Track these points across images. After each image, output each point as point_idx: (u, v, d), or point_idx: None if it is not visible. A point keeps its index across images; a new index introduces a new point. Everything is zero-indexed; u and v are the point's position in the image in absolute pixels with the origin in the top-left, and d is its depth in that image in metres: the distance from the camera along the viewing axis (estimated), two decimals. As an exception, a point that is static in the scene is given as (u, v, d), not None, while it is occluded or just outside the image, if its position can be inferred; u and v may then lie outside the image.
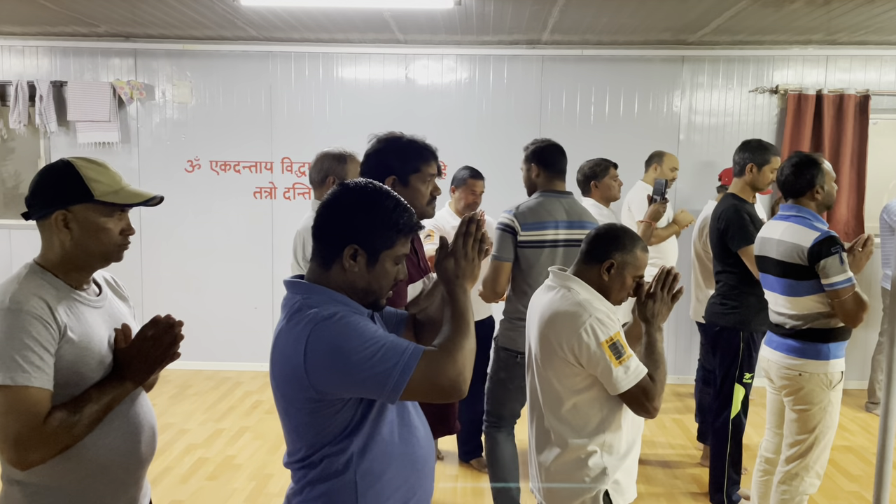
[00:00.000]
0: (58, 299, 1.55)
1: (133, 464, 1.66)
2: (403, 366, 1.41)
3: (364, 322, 1.46)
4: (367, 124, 5.44)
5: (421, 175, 2.14)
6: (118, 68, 5.66)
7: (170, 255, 5.73)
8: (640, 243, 2.09)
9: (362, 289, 1.54)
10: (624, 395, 1.97)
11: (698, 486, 3.84)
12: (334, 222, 1.53)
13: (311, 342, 1.43)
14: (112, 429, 1.60)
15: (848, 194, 5.38)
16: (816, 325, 2.74)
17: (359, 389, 1.44)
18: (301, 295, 1.53)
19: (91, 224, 1.58)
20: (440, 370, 1.43)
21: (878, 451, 2.21)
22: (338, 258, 1.52)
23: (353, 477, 1.49)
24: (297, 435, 1.53)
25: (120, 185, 1.63)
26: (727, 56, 5.46)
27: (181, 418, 4.70)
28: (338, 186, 1.57)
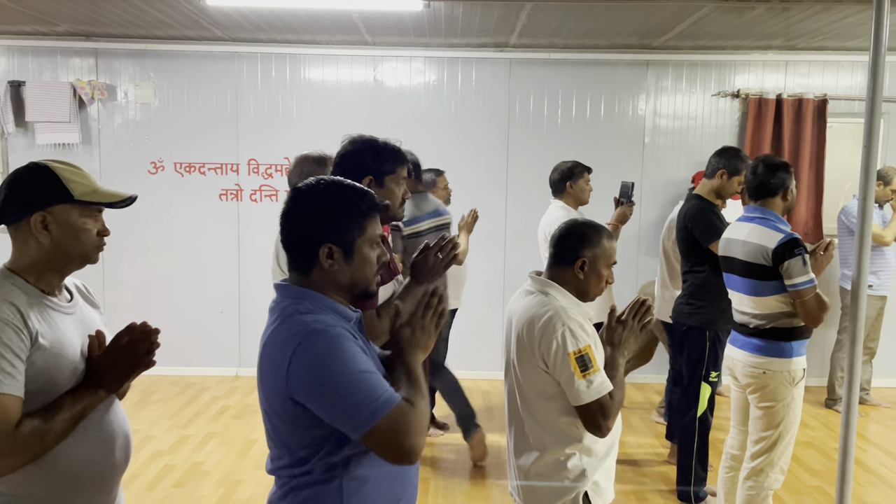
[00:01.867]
0: (29, 305, 1.52)
1: (107, 472, 1.64)
2: (377, 407, 1.39)
3: (354, 349, 1.43)
4: (334, 126, 5.44)
5: (395, 177, 2.17)
6: (79, 68, 5.54)
7: (133, 259, 5.62)
8: (604, 233, 2.11)
9: (348, 283, 1.53)
10: (581, 408, 1.96)
11: (666, 484, 3.90)
12: (300, 228, 1.52)
13: (298, 352, 1.41)
14: (85, 437, 1.57)
15: (807, 196, 5.52)
16: (779, 325, 2.80)
17: (326, 413, 1.42)
18: (291, 299, 1.51)
19: (71, 225, 1.58)
20: (408, 428, 1.40)
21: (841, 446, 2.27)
22: (315, 262, 1.51)
23: (339, 483, 1.48)
24: (280, 441, 1.51)
25: (96, 186, 1.62)
26: (690, 61, 5.56)
27: (146, 425, 4.62)
28: (291, 193, 1.55)
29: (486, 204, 5.66)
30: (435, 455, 4.28)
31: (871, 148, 2.19)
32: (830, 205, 5.56)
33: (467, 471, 4.06)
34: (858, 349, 2.26)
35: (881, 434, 4.71)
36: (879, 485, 3.94)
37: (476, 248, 5.62)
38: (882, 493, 3.84)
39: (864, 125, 2.19)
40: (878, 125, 2.22)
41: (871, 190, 2.18)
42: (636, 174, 5.61)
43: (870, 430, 4.78)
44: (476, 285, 5.66)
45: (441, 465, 4.13)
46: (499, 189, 5.68)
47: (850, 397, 2.26)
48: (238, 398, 5.18)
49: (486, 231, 5.67)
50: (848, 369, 2.26)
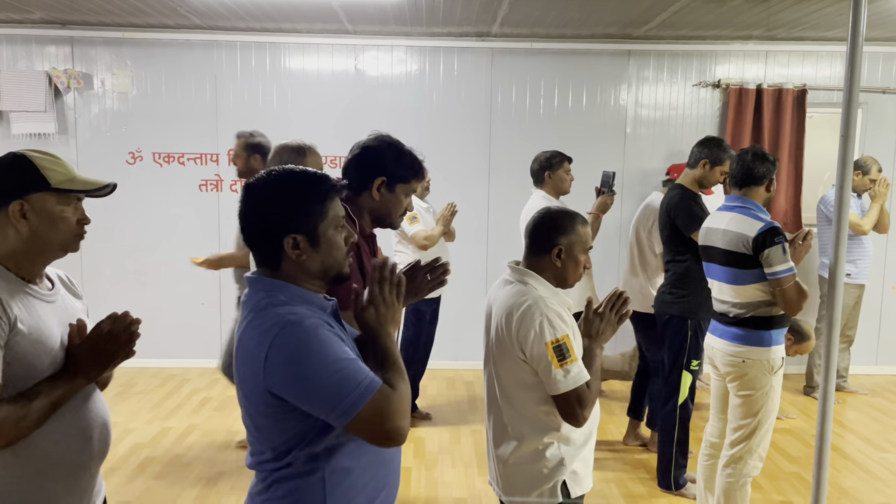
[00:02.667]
0: (8, 292, 1.53)
1: (85, 460, 1.64)
2: (358, 395, 1.38)
3: (331, 338, 1.42)
4: (315, 116, 5.46)
5: (408, 188, 2.11)
6: (54, 56, 5.44)
7: (111, 251, 5.56)
8: (578, 219, 2.11)
9: (319, 270, 1.51)
10: (558, 397, 1.97)
11: (646, 471, 3.93)
12: (260, 223, 1.49)
13: (274, 345, 1.39)
14: (63, 424, 1.58)
15: (786, 186, 5.56)
16: (759, 314, 2.82)
17: (308, 405, 1.40)
18: (264, 292, 1.49)
19: (49, 213, 1.59)
20: (391, 411, 1.40)
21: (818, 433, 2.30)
22: (281, 254, 1.48)
23: (321, 475, 1.47)
24: (261, 436, 1.49)
25: (73, 174, 1.63)
26: (672, 51, 5.57)
27: (126, 417, 4.57)
28: (244, 189, 1.52)
29: (469, 194, 5.67)
30: (418, 445, 4.28)
31: (848, 137, 2.20)
32: (809, 194, 5.61)
33: (450, 461, 4.07)
34: (835, 336, 2.28)
35: (858, 420, 4.78)
36: (856, 470, 4.00)
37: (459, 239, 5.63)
38: (859, 478, 3.90)
39: (842, 115, 2.20)
40: (856, 115, 2.24)
41: (849, 179, 2.20)
42: (617, 164, 5.62)
43: (847, 417, 4.85)
44: (459, 276, 5.65)
45: (425, 456, 4.14)
46: (481, 179, 5.67)
47: (827, 384, 2.28)
48: (220, 390, 5.14)
49: (469, 221, 5.67)
50: (825, 357, 2.28)
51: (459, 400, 5.11)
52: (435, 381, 5.48)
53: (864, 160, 5.10)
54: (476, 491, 3.68)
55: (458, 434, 4.47)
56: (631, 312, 2.15)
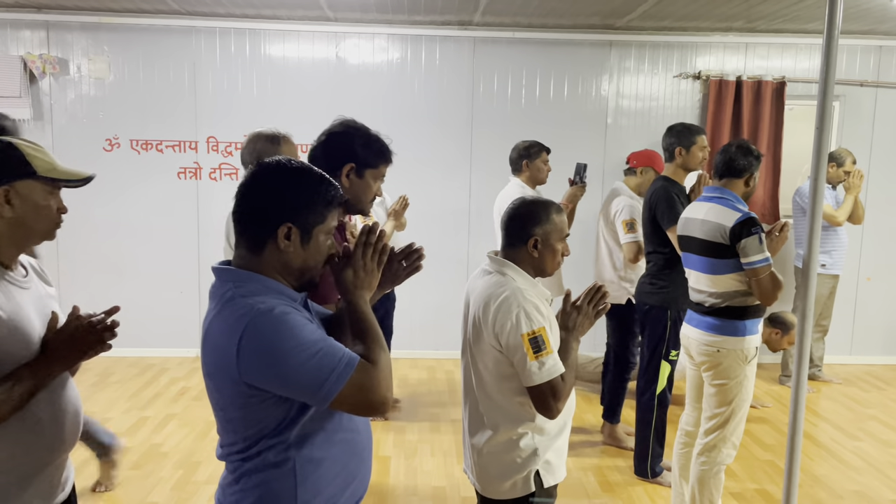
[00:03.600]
0: None
1: (56, 445, 1.66)
2: (338, 375, 1.39)
3: (302, 322, 1.42)
4: (296, 104, 5.41)
5: (376, 172, 2.11)
6: (29, 41, 5.35)
7: (88, 239, 5.49)
8: (553, 207, 2.12)
9: (298, 268, 1.51)
10: (533, 388, 1.98)
11: (624, 460, 3.97)
12: (263, 203, 1.48)
13: (245, 336, 1.38)
14: (36, 410, 1.59)
15: (765, 177, 5.61)
16: (734, 303, 2.85)
17: (289, 391, 1.41)
18: (232, 283, 1.48)
19: (33, 201, 1.61)
20: (373, 385, 1.42)
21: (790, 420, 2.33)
22: (271, 239, 1.47)
23: (292, 466, 1.47)
24: (231, 427, 1.49)
25: (55, 164, 1.65)
26: (653, 42, 5.59)
27: (103, 406, 4.54)
28: (257, 167, 1.52)
29: (450, 183, 5.67)
30: (398, 435, 4.29)
31: (823, 130, 2.22)
32: (788, 186, 5.67)
33: (430, 450, 4.08)
34: (808, 326, 2.30)
35: (832, 409, 4.86)
36: (829, 459, 4.07)
37: (440, 228, 5.64)
38: (832, 466, 3.97)
39: (817, 107, 2.22)
40: (831, 107, 2.26)
41: (823, 171, 2.22)
42: (598, 154, 5.65)
43: (821, 406, 4.93)
44: (440, 265, 5.66)
45: (404, 445, 4.15)
46: (463, 168, 5.67)
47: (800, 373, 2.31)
48: (198, 379, 5.11)
49: (451, 210, 5.67)
50: (798, 346, 2.31)
51: (440, 389, 5.12)
52: (416, 371, 5.49)
53: (840, 152, 5.15)
54: (455, 479, 3.70)
55: (438, 423, 4.49)
56: (609, 307, 2.17)
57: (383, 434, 4.28)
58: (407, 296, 5.69)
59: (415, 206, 5.51)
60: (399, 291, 5.59)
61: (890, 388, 5.32)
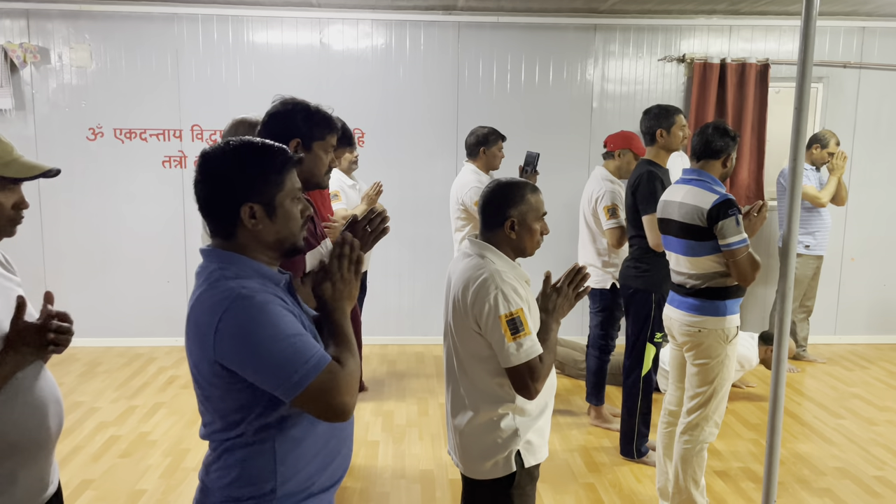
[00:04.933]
0: None
1: (42, 438, 1.64)
2: (307, 370, 1.39)
3: (282, 312, 1.42)
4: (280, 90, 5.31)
5: (325, 144, 2.12)
6: (9, 30, 5.30)
7: (73, 230, 5.46)
8: (527, 187, 2.12)
9: (275, 241, 1.52)
10: (511, 370, 1.99)
11: (610, 441, 4.01)
12: (217, 191, 1.49)
13: (224, 318, 1.39)
14: (18, 404, 1.57)
15: (749, 159, 5.64)
16: (714, 284, 2.88)
17: (256, 378, 1.41)
18: (217, 264, 1.49)
19: None
20: (339, 389, 1.41)
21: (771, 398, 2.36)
22: (237, 224, 1.48)
23: (271, 444, 1.48)
24: (212, 406, 1.50)
25: (11, 157, 1.57)
26: (637, 25, 5.59)
27: (91, 396, 4.54)
28: (200, 159, 1.52)
29: (436, 169, 5.67)
30: (387, 419, 4.31)
31: (801, 110, 2.23)
32: (772, 168, 5.70)
33: (418, 433, 4.11)
34: (788, 306, 2.33)
35: (816, 388, 4.92)
36: (812, 437, 4.12)
37: (426, 215, 5.64)
38: (815, 444, 4.02)
39: (796, 88, 2.23)
40: (809, 88, 2.27)
41: (802, 151, 2.23)
42: (584, 139, 5.66)
43: (805, 385, 4.98)
44: (428, 251, 5.68)
45: (393, 429, 4.17)
46: (449, 154, 5.67)
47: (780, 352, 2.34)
48: (187, 368, 5.05)
49: (438, 196, 5.67)
50: (777, 325, 2.33)
51: (428, 374, 5.15)
52: (404, 357, 5.51)
53: (823, 134, 5.18)
54: (442, 462, 3.73)
55: (427, 407, 4.51)
56: (589, 289, 2.18)
57: (372, 418, 4.30)
58: (394, 282, 5.71)
59: (401, 192, 5.53)
60: (386, 279, 5.61)
61: (873, 366, 5.39)
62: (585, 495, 3.43)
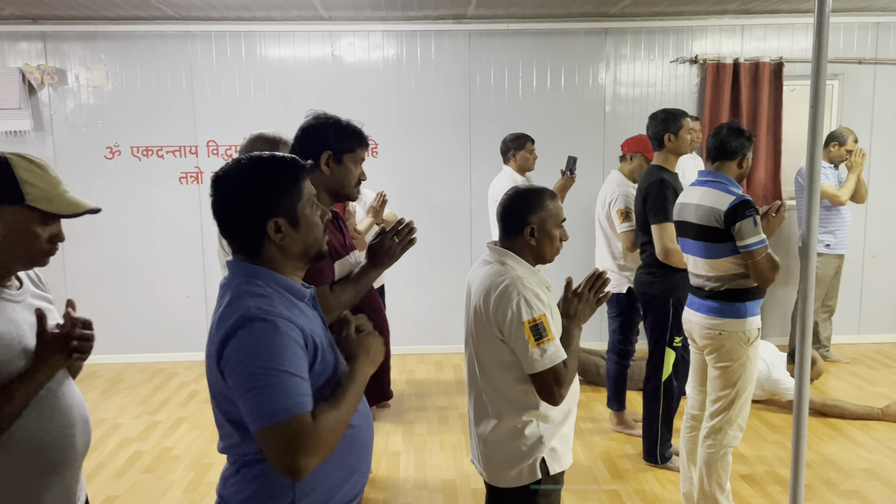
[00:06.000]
0: None
1: (69, 455, 1.64)
2: (275, 410, 1.35)
3: (286, 343, 1.40)
4: (293, 104, 5.43)
5: (355, 156, 2.18)
6: (27, 52, 5.38)
7: (93, 247, 5.53)
8: (546, 194, 2.12)
9: (302, 250, 1.53)
10: (535, 376, 1.98)
11: (633, 447, 3.98)
12: (239, 213, 1.49)
13: (233, 335, 1.40)
14: (46, 421, 1.57)
15: (765, 159, 5.59)
16: (733, 286, 2.85)
17: (236, 396, 1.40)
18: (243, 277, 1.50)
19: (18, 228, 1.54)
20: (297, 445, 1.35)
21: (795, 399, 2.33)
22: (264, 240, 1.50)
23: None
24: (227, 418, 1.50)
25: (56, 191, 1.58)
26: (648, 27, 5.57)
27: (114, 413, 4.58)
28: (214, 185, 1.52)
29: (451, 177, 5.68)
30: (407, 429, 4.31)
31: (817, 108, 2.21)
32: (789, 167, 5.65)
33: (438, 443, 4.10)
34: (809, 306, 2.30)
35: (840, 389, 4.84)
36: (839, 438, 4.06)
37: (443, 223, 5.65)
38: (841, 445, 3.96)
39: (811, 85, 2.21)
40: (825, 85, 2.25)
41: (819, 149, 2.21)
42: (597, 143, 5.64)
43: (830, 385, 4.91)
44: (444, 260, 5.68)
45: (413, 439, 4.17)
46: (462, 163, 5.67)
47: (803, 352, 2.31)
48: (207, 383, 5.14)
49: (452, 205, 5.68)
50: (800, 326, 2.30)
51: (448, 383, 5.14)
52: (423, 365, 5.51)
53: (841, 131, 5.13)
54: (464, 471, 3.71)
55: (447, 416, 4.50)
56: (610, 294, 2.17)
57: (392, 429, 4.30)
58: (412, 292, 5.71)
59: (415, 201, 5.54)
60: (404, 288, 5.61)
61: (899, 365, 5.31)
62: (609, 501, 3.40)
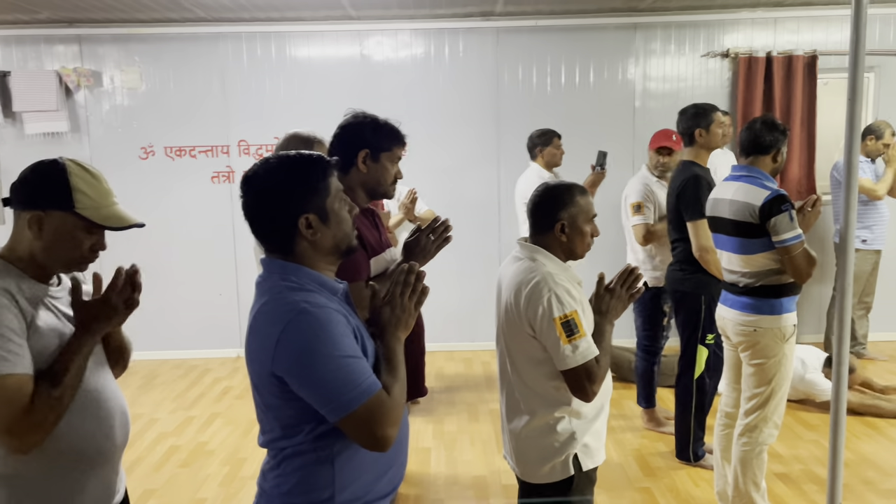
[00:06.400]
0: (21, 291, 1.55)
1: (109, 449, 1.67)
2: (354, 395, 1.40)
3: (341, 330, 1.44)
4: (323, 103, 5.47)
5: (391, 155, 2.19)
6: (63, 55, 5.50)
7: (129, 246, 5.56)
8: (576, 190, 2.12)
9: (332, 246, 1.55)
10: (567, 372, 1.98)
11: (665, 445, 3.95)
12: (270, 211, 1.51)
13: (286, 331, 1.42)
14: (86, 415, 1.61)
15: (799, 153, 5.50)
16: (768, 282, 2.81)
17: (306, 394, 1.43)
18: (279, 274, 1.52)
19: (63, 233, 1.58)
20: (383, 419, 1.43)
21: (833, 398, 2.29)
22: (295, 238, 1.51)
23: (330, 452, 1.50)
24: (272, 415, 1.53)
25: (105, 203, 1.61)
26: (678, 22, 5.51)
27: (150, 408, 4.66)
28: (244, 185, 1.54)
29: (479, 175, 5.68)
30: (437, 426, 4.33)
31: (854, 101, 2.18)
32: (823, 162, 5.55)
33: (469, 440, 4.11)
34: (847, 303, 2.27)
35: (878, 387, 4.75)
36: (877, 437, 3.99)
37: (471, 220, 5.65)
38: (880, 444, 3.89)
39: (848, 78, 2.17)
40: (862, 78, 2.21)
41: (857, 143, 2.17)
42: (627, 139, 5.60)
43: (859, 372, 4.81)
44: (472, 257, 5.68)
45: (444, 436, 4.18)
46: (490, 160, 5.67)
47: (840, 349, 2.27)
48: (240, 378, 5.22)
49: (481, 202, 5.69)
50: (838, 323, 2.27)
51: (477, 380, 5.14)
52: (452, 363, 5.52)
53: (878, 124, 5.03)
54: (495, 468, 3.72)
55: (477, 412, 4.51)
56: (643, 290, 2.16)
57: (423, 426, 4.32)
58: (441, 289, 5.71)
59: (444, 199, 5.54)
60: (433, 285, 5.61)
61: (938, 363, 5.19)
62: (642, 500, 3.38)
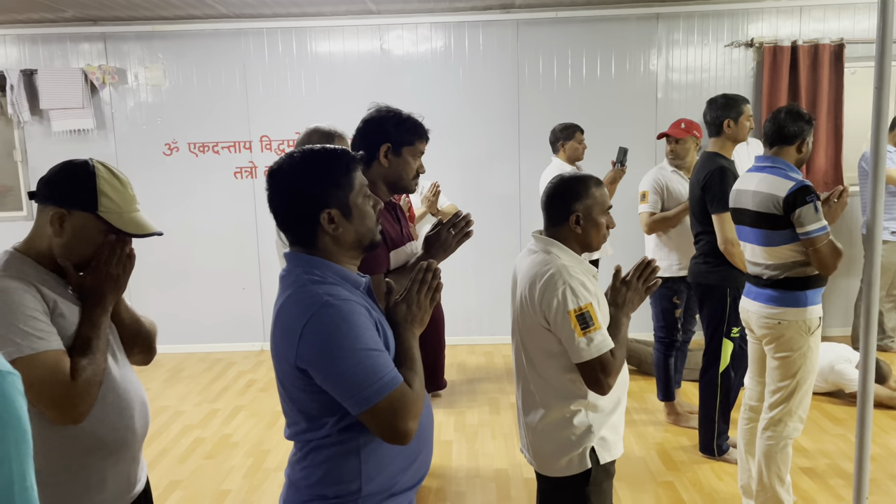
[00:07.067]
0: (41, 282, 1.58)
1: (129, 438, 1.69)
2: (377, 388, 1.42)
3: (364, 323, 1.45)
4: (344, 98, 5.49)
5: (413, 149, 2.19)
6: (88, 53, 5.58)
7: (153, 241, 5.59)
8: (591, 181, 2.10)
9: (355, 240, 1.55)
10: (582, 365, 1.97)
11: (688, 439, 3.92)
12: (295, 205, 1.52)
13: (310, 323, 1.43)
14: (106, 405, 1.63)
15: (826, 144, 5.42)
16: (793, 274, 2.77)
17: (329, 386, 1.45)
18: (303, 267, 1.53)
19: (84, 233, 1.61)
20: (405, 412, 1.44)
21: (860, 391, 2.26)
22: (318, 232, 1.52)
23: (356, 444, 1.51)
24: (296, 407, 1.54)
25: (128, 209, 1.65)
26: (701, 11, 5.45)
27: (176, 401, 4.73)
28: (269, 179, 1.55)
29: (500, 168, 5.67)
30: (458, 419, 4.34)
31: (882, 89, 2.14)
32: (851, 152, 5.46)
33: (490, 433, 4.12)
34: (875, 295, 2.23)
35: (907, 381, 4.67)
36: (905, 431, 3.93)
37: (492, 213, 5.64)
38: (907, 439, 3.83)
39: (875, 65, 2.14)
40: (889, 66, 2.17)
41: (884, 133, 2.14)
42: (650, 131, 5.55)
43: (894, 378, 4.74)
44: (492, 251, 5.68)
45: (465, 429, 4.19)
46: (511, 153, 5.65)
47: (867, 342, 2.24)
48: (264, 372, 5.27)
49: (502, 196, 5.67)
50: (864, 315, 2.24)
51: (498, 373, 5.15)
52: (473, 356, 5.53)
53: (907, 114, 4.92)
54: (516, 461, 3.72)
55: (498, 406, 4.52)
56: (660, 282, 2.14)
57: (445, 418, 4.33)
58: (462, 283, 5.73)
59: (464, 193, 5.55)
60: (454, 279, 5.63)
61: (970, 357, 5.09)
62: (665, 494, 3.36)
